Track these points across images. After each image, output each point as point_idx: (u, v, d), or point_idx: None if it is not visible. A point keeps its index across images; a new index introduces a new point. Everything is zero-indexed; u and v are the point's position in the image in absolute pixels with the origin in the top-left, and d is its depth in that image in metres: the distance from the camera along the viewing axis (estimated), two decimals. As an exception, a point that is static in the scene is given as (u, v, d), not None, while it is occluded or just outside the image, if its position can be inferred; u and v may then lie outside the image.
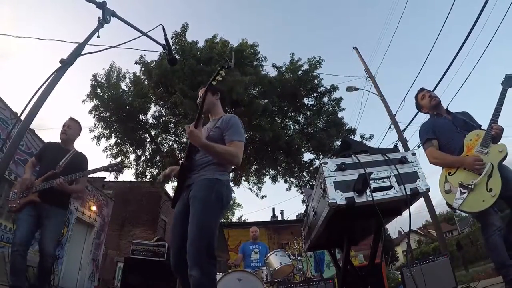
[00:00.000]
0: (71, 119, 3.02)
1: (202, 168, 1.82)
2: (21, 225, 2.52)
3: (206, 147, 1.75)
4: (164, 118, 11.67)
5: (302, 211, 2.52)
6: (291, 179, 12.27)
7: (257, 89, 10.99)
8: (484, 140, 2.15)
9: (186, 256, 1.60)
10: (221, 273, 3.70)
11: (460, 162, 2.19)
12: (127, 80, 11.74)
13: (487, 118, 2.20)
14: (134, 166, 11.78)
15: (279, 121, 11.43)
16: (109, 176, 12.86)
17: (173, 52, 2.10)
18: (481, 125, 2.33)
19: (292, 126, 12.11)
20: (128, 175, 36.77)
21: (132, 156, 11.91)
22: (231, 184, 13.68)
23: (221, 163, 1.83)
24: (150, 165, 11.84)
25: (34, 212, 2.56)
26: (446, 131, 2.37)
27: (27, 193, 2.60)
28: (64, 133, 2.90)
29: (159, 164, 11.69)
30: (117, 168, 2.74)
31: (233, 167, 2.29)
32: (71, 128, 2.94)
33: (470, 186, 2.08)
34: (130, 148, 11.86)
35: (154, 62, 10.82)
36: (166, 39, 1.87)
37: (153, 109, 11.63)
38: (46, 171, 2.70)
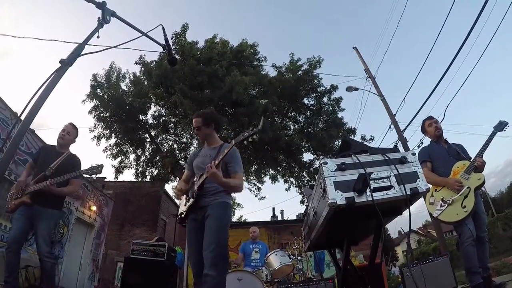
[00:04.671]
0: (71, 124, 3.09)
1: (214, 194, 2.18)
2: (14, 224, 2.69)
3: (223, 184, 2.11)
4: (164, 118, 11.68)
5: (302, 211, 2.55)
6: (291, 179, 12.28)
7: (257, 89, 10.99)
8: (468, 168, 2.64)
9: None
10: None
11: (444, 182, 2.69)
12: (127, 80, 11.75)
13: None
14: (134, 166, 11.81)
15: (279, 121, 11.44)
16: (109, 176, 12.85)
17: (173, 52, 2.10)
18: (471, 157, 2.75)
19: (292, 126, 12.13)
20: (128, 175, 36.73)
21: (132, 156, 11.94)
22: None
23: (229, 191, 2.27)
24: (150, 165, 11.85)
25: (27, 212, 2.66)
26: (440, 157, 2.85)
27: (21, 194, 2.72)
28: (62, 137, 2.98)
29: (159, 164, 11.69)
30: (97, 171, 2.79)
31: None
32: (70, 134, 3.03)
33: (448, 201, 2.59)
34: (130, 148, 11.86)
35: (154, 62, 10.83)
36: (166, 39, 1.87)
37: (153, 109, 11.66)
38: (39, 173, 2.77)
